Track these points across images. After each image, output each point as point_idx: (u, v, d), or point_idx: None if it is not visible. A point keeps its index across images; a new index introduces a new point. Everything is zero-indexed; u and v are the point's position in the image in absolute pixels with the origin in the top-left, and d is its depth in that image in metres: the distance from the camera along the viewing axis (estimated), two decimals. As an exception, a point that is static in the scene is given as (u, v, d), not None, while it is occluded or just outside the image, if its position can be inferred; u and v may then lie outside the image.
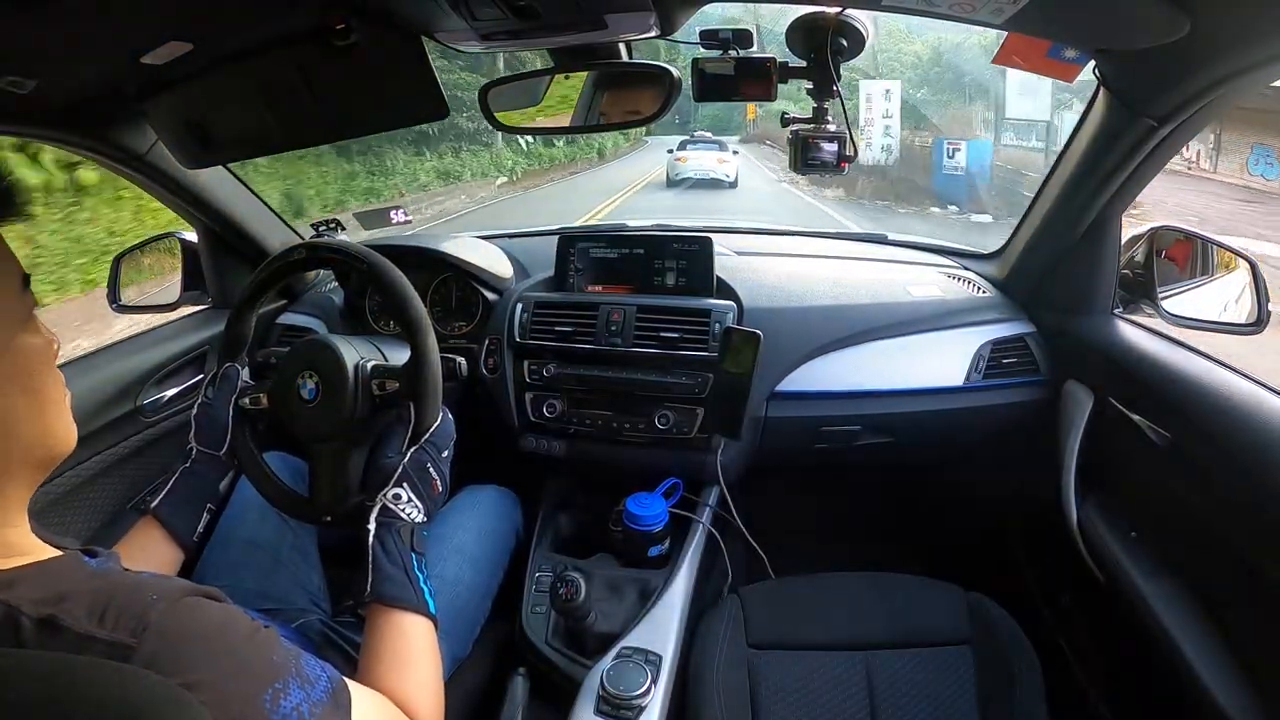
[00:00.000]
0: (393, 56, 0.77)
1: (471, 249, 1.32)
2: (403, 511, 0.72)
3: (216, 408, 0.82)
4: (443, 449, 0.76)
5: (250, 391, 0.83)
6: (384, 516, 0.71)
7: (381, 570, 0.69)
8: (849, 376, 1.15)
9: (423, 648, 0.68)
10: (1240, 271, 0.98)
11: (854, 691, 0.93)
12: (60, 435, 0.50)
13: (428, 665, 0.67)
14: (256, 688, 0.44)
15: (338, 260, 0.84)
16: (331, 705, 0.49)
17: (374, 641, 0.67)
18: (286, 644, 0.50)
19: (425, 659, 0.68)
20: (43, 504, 0.97)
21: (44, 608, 0.41)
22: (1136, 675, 1.01)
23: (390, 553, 0.70)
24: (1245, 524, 0.78)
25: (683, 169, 10.74)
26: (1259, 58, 0.66)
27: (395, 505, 0.72)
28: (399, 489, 0.72)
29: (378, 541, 0.70)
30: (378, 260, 0.80)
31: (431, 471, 0.74)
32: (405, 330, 0.77)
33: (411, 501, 0.72)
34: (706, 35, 0.86)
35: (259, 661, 0.46)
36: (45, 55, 0.70)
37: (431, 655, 0.69)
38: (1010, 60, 0.84)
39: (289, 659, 0.48)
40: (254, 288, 0.86)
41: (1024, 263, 1.19)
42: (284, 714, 0.44)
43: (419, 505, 0.73)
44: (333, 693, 0.50)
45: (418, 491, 0.73)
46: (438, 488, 0.75)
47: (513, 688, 0.91)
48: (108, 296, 1.33)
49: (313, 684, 0.49)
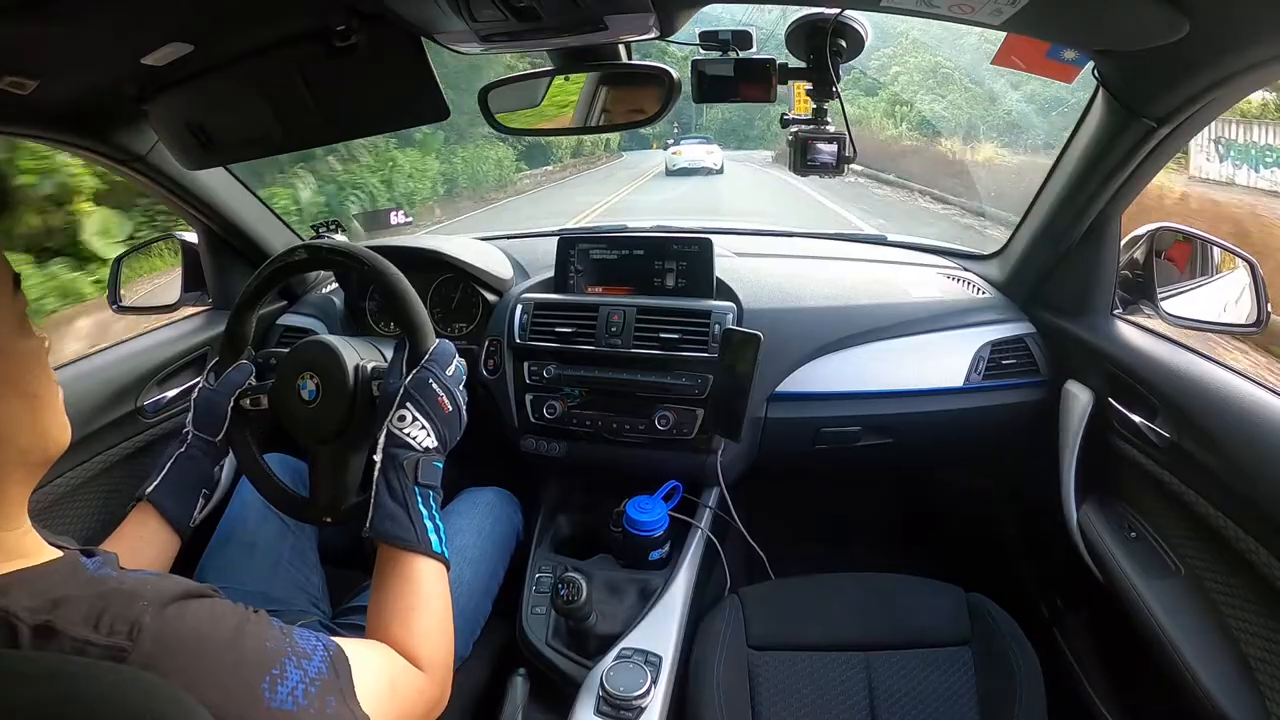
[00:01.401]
0: (393, 57, 0.77)
1: (471, 250, 1.33)
2: (410, 436, 0.69)
3: (219, 396, 0.82)
4: (445, 366, 0.73)
5: (251, 393, 0.83)
6: (391, 446, 0.69)
7: (382, 507, 0.67)
8: (849, 377, 1.15)
9: (428, 591, 0.65)
10: (1240, 272, 0.98)
11: (854, 692, 0.93)
12: (55, 435, 0.51)
13: (434, 610, 0.65)
14: (253, 679, 0.45)
15: (338, 261, 0.84)
16: (331, 674, 0.49)
17: (378, 585, 0.65)
18: (277, 625, 0.50)
19: (431, 603, 0.65)
20: (43, 504, 0.97)
21: (40, 615, 0.41)
22: (1136, 675, 1.01)
23: (393, 488, 0.67)
24: (1245, 524, 0.78)
25: (678, 160, 13.35)
26: (1259, 58, 0.66)
27: (401, 428, 0.69)
28: (403, 409, 0.70)
29: (381, 476, 0.68)
30: (377, 260, 0.80)
31: (435, 387, 0.71)
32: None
33: (417, 422, 0.70)
34: (706, 36, 0.86)
35: (252, 652, 0.46)
36: (46, 56, 0.70)
37: (439, 599, 0.66)
38: (1009, 61, 0.84)
39: (282, 641, 0.49)
40: (255, 288, 0.87)
41: (1024, 263, 1.19)
42: (282, 699, 0.45)
43: (427, 427, 0.70)
44: (330, 660, 0.50)
45: (423, 410, 0.70)
46: (446, 405, 0.72)
47: (513, 688, 0.91)
48: (108, 297, 1.33)
49: (309, 657, 0.49)
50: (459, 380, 0.75)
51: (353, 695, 0.51)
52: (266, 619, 0.50)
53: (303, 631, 0.51)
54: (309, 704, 0.47)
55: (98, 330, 3.77)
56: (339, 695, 0.50)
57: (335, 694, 0.49)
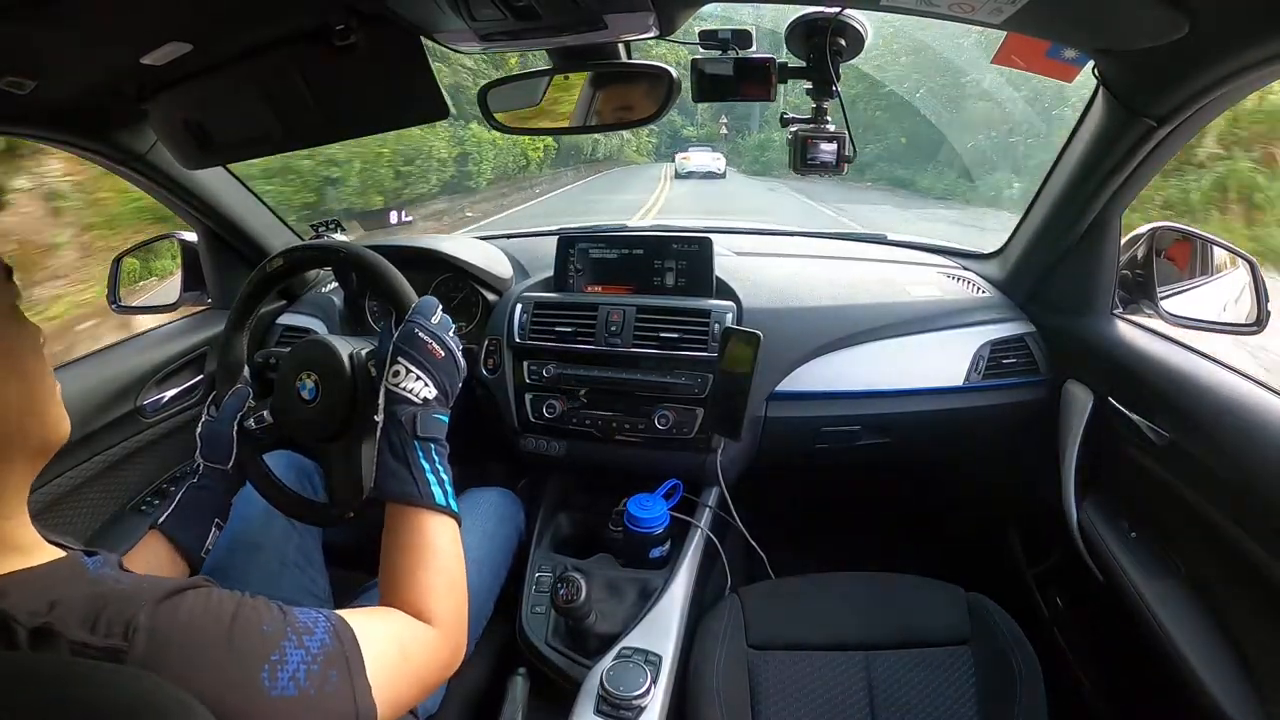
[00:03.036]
0: (393, 57, 0.77)
1: (471, 249, 1.33)
2: (407, 390, 0.69)
3: (221, 425, 0.82)
4: (429, 316, 0.73)
5: (254, 411, 0.83)
6: (390, 404, 0.69)
7: (385, 466, 0.66)
8: (849, 377, 1.15)
9: (437, 546, 0.64)
10: (1240, 271, 0.98)
11: (854, 691, 0.93)
12: (54, 422, 0.51)
13: (443, 565, 0.64)
14: (252, 669, 0.44)
15: (314, 258, 0.84)
16: (335, 645, 0.49)
17: (385, 547, 0.65)
18: (275, 605, 0.50)
19: (439, 558, 0.64)
20: (43, 504, 0.97)
21: (38, 618, 0.41)
22: (1136, 675, 1.00)
23: (394, 445, 0.67)
24: (1245, 524, 0.78)
25: (686, 164, 16.40)
26: (1259, 57, 0.66)
27: (397, 384, 0.69)
28: (396, 365, 0.70)
29: (383, 436, 0.68)
30: (355, 249, 0.80)
31: (422, 335, 0.71)
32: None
33: (412, 374, 0.69)
34: (705, 35, 0.86)
35: (248, 641, 0.46)
36: (45, 56, 0.70)
37: (448, 554, 0.65)
38: (1009, 60, 0.84)
39: (280, 622, 0.48)
40: (239, 309, 0.86)
41: (1024, 263, 1.19)
42: (283, 685, 0.44)
43: (423, 377, 0.70)
44: (334, 632, 0.50)
45: (415, 361, 0.70)
46: (437, 351, 0.72)
47: (513, 688, 0.91)
48: (107, 297, 1.33)
49: (310, 632, 0.48)
50: (447, 327, 0.75)
51: (360, 668, 0.50)
52: (264, 602, 0.49)
53: (302, 610, 0.51)
54: (309, 685, 0.46)
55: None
56: (343, 668, 0.49)
57: (339, 667, 0.49)
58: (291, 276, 0.89)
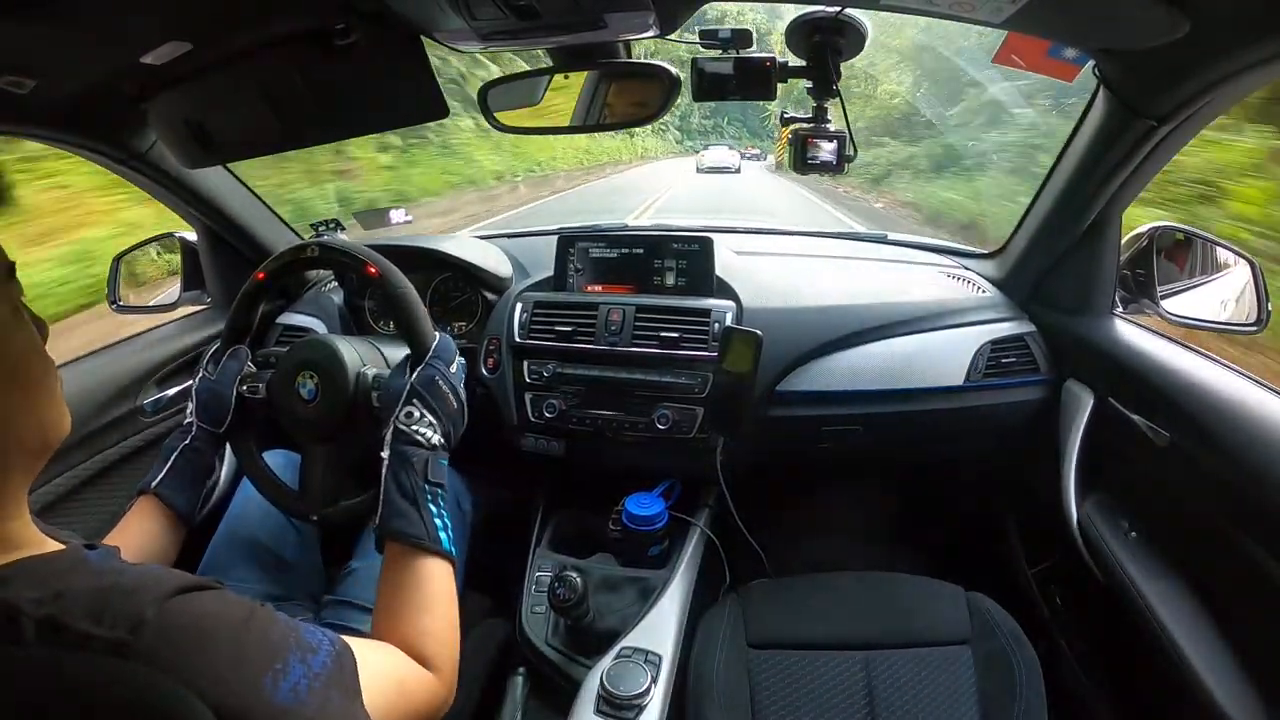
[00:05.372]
0: (392, 56, 0.77)
1: (471, 249, 1.32)
2: (417, 432, 0.69)
3: (221, 385, 0.81)
4: (449, 362, 0.73)
5: (251, 379, 0.83)
6: (399, 443, 0.69)
7: (392, 504, 0.66)
8: (849, 376, 1.15)
9: (437, 590, 0.65)
10: (1240, 271, 0.98)
11: (854, 691, 0.93)
12: (54, 422, 0.51)
13: (441, 609, 0.65)
14: (255, 673, 0.44)
15: (343, 262, 0.84)
16: (335, 669, 0.49)
17: (386, 584, 0.65)
18: (283, 618, 0.50)
19: (439, 602, 0.65)
20: (43, 504, 0.97)
21: (43, 607, 0.41)
22: (1136, 675, 1.01)
23: (403, 486, 0.67)
24: (1245, 524, 0.78)
25: (704, 161, 18.00)
26: (1259, 57, 0.66)
27: (408, 425, 0.69)
28: (410, 407, 0.70)
29: (390, 473, 0.68)
30: (392, 271, 0.80)
31: (442, 385, 0.72)
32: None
33: (425, 419, 0.70)
34: (706, 34, 0.86)
35: (256, 646, 0.46)
36: (45, 55, 0.70)
37: (446, 598, 0.66)
38: (1010, 60, 0.84)
39: (287, 634, 0.48)
40: (274, 270, 0.86)
41: (1024, 262, 1.19)
42: (284, 694, 0.44)
43: (435, 424, 0.70)
44: (336, 656, 0.50)
45: (430, 407, 0.70)
46: (452, 403, 0.72)
47: (513, 688, 0.91)
48: (107, 297, 1.33)
49: (314, 651, 0.49)
50: (461, 378, 0.76)
51: (357, 694, 0.50)
52: (271, 613, 0.50)
53: (309, 626, 0.51)
54: (310, 699, 0.46)
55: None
56: (343, 691, 0.49)
57: (339, 690, 0.49)
58: (317, 268, 0.89)
